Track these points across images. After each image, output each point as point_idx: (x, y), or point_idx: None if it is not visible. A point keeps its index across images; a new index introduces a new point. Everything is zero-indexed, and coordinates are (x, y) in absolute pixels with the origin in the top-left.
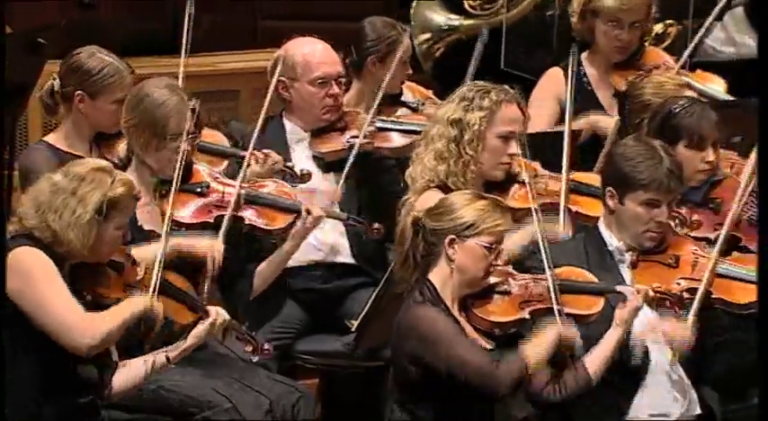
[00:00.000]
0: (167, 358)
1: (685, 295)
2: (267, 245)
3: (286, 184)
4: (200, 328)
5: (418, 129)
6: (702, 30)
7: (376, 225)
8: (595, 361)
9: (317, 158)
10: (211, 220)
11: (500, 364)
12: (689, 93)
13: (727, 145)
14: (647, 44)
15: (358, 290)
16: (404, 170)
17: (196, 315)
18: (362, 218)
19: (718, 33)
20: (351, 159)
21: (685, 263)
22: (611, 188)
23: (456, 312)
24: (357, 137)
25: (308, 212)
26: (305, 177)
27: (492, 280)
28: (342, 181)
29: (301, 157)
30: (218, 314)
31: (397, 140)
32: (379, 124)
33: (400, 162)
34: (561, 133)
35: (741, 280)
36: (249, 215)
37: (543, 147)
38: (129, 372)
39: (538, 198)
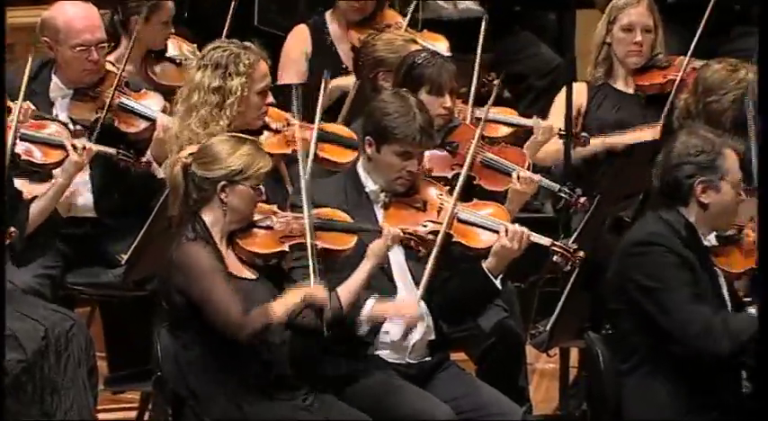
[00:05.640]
0: None
1: (430, 237)
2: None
3: (64, 130)
4: None
5: (154, 117)
6: None
7: (144, 158)
8: (347, 290)
9: (72, 119)
10: None
11: (249, 313)
12: (416, 47)
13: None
14: (385, 4)
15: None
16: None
17: None
18: (130, 152)
19: None
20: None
21: (432, 207)
22: (369, 137)
23: (223, 248)
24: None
25: (77, 147)
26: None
27: (256, 216)
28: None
29: (61, 116)
30: None
31: (136, 125)
32: (124, 101)
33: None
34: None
35: (478, 225)
36: (25, 150)
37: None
38: None
39: (290, 144)
